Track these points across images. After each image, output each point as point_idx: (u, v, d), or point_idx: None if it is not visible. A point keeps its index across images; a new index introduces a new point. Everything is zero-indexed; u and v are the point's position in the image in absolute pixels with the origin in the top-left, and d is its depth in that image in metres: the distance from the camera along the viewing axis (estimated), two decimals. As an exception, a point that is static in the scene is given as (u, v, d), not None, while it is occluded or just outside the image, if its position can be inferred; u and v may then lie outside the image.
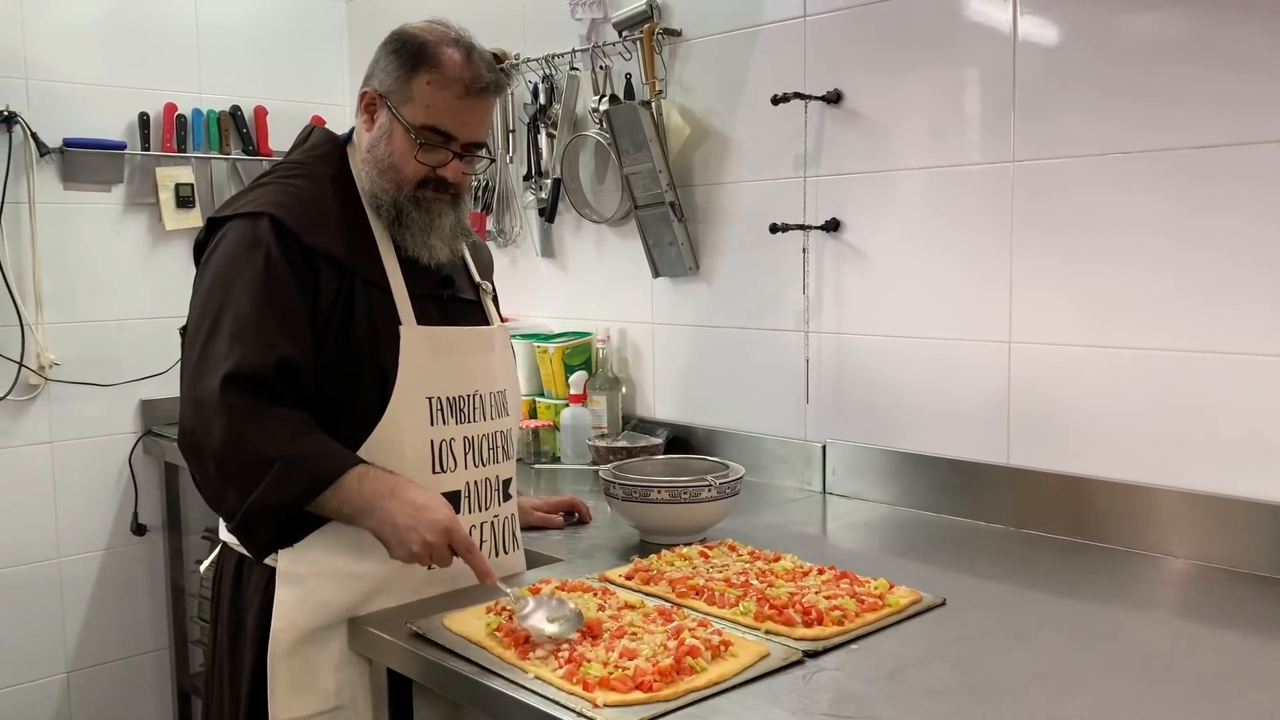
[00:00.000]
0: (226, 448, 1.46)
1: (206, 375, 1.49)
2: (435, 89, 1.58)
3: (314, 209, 1.59)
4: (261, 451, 1.46)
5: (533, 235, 2.97)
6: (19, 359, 2.89)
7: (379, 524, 1.50)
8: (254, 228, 1.55)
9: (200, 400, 1.49)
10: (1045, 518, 1.92)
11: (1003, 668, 1.34)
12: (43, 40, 2.92)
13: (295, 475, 1.47)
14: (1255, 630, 1.48)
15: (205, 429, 1.47)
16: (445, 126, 1.61)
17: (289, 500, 1.47)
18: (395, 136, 1.61)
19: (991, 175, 1.98)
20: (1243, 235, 1.69)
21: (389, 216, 1.63)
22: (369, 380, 1.57)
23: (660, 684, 1.23)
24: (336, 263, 1.57)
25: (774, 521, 2.07)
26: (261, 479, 1.45)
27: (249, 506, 1.47)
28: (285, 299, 1.53)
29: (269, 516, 1.48)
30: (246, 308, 1.50)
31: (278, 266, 1.53)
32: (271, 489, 1.46)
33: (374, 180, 1.62)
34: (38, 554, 2.97)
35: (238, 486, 1.47)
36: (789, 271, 2.33)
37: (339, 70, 3.52)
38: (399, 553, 1.50)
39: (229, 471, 1.48)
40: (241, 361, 1.47)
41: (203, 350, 1.51)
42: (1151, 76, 1.76)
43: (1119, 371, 1.84)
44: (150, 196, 3.11)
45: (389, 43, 1.64)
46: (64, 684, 3.03)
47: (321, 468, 1.49)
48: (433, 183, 1.63)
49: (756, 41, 2.36)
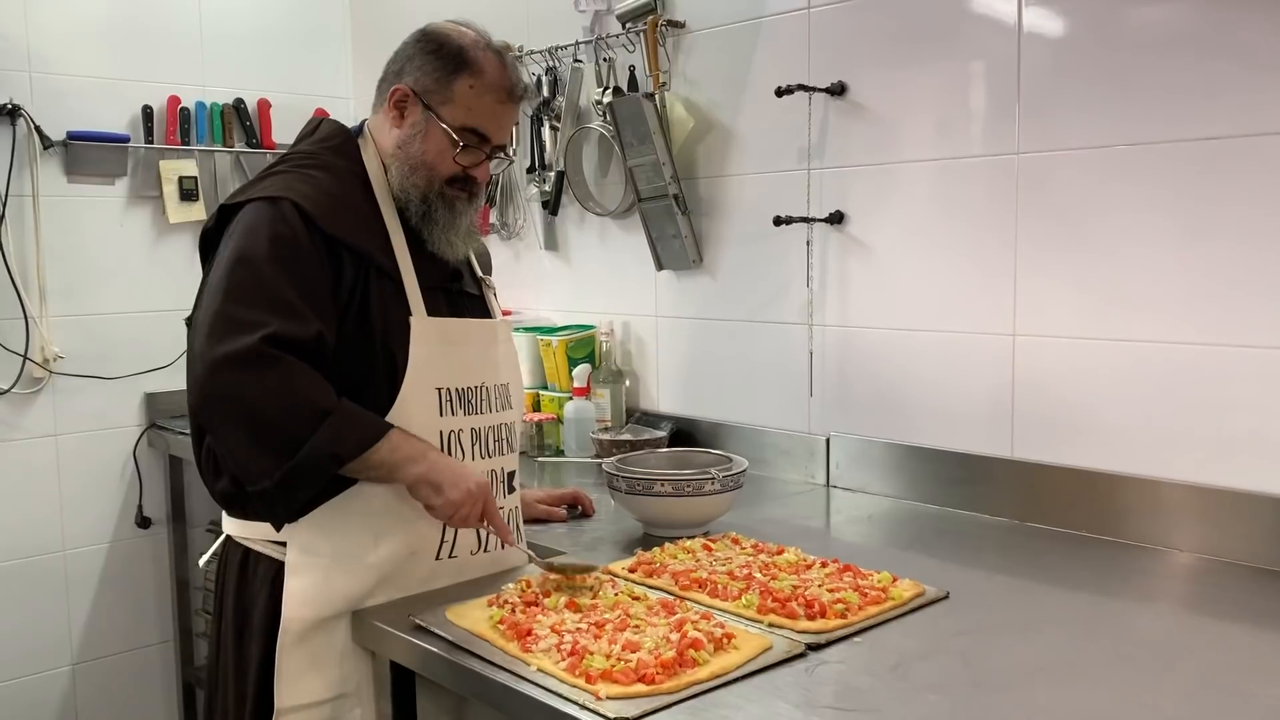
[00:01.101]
0: (273, 400, 1.44)
1: (241, 334, 1.45)
2: (478, 93, 1.63)
3: (333, 199, 1.59)
4: (316, 402, 1.46)
5: (536, 228, 2.96)
6: (23, 352, 2.89)
7: (429, 470, 1.52)
8: (276, 209, 1.54)
9: (236, 356, 1.44)
10: (1049, 511, 1.92)
11: (1006, 661, 1.34)
12: (46, 33, 2.91)
13: (351, 426, 1.48)
14: (1261, 623, 1.47)
15: (245, 382, 1.44)
16: (484, 129, 1.65)
17: (347, 450, 1.47)
18: (432, 135, 1.63)
19: (996, 168, 1.98)
20: (1249, 228, 1.68)
21: (419, 212, 1.65)
22: (381, 369, 1.58)
23: (663, 676, 1.23)
24: (355, 252, 1.58)
25: (778, 515, 2.07)
26: (314, 430, 1.44)
27: (302, 458, 1.44)
28: (313, 280, 1.53)
29: (321, 469, 1.47)
30: (280, 284, 1.49)
31: (304, 247, 1.53)
32: (328, 439, 1.45)
33: (404, 176, 1.64)
34: (43, 547, 2.97)
35: (282, 440, 1.45)
36: (793, 264, 2.33)
37: (342, 62, 3.52)
38: (450, 494, 1.52)
39: (274, 424, 1.45)
40: (282, 328, 1.46)
41: (231, 317, 1.47)
42: (1156, 68, 1.76)
43: (1124, 364, 1.83)
44: (154, 189, 3.11)
45: (422, 42, 1.65)
46: (69, 676, 3.04)
47: (374, 421, 1.51)
48: (459, 181, 1.67)
49: (760, 33, 2.35)
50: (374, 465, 1.51)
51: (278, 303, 1.48)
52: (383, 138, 1.68)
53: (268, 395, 1.44)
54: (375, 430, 1.50)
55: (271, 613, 1.57)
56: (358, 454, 1.48)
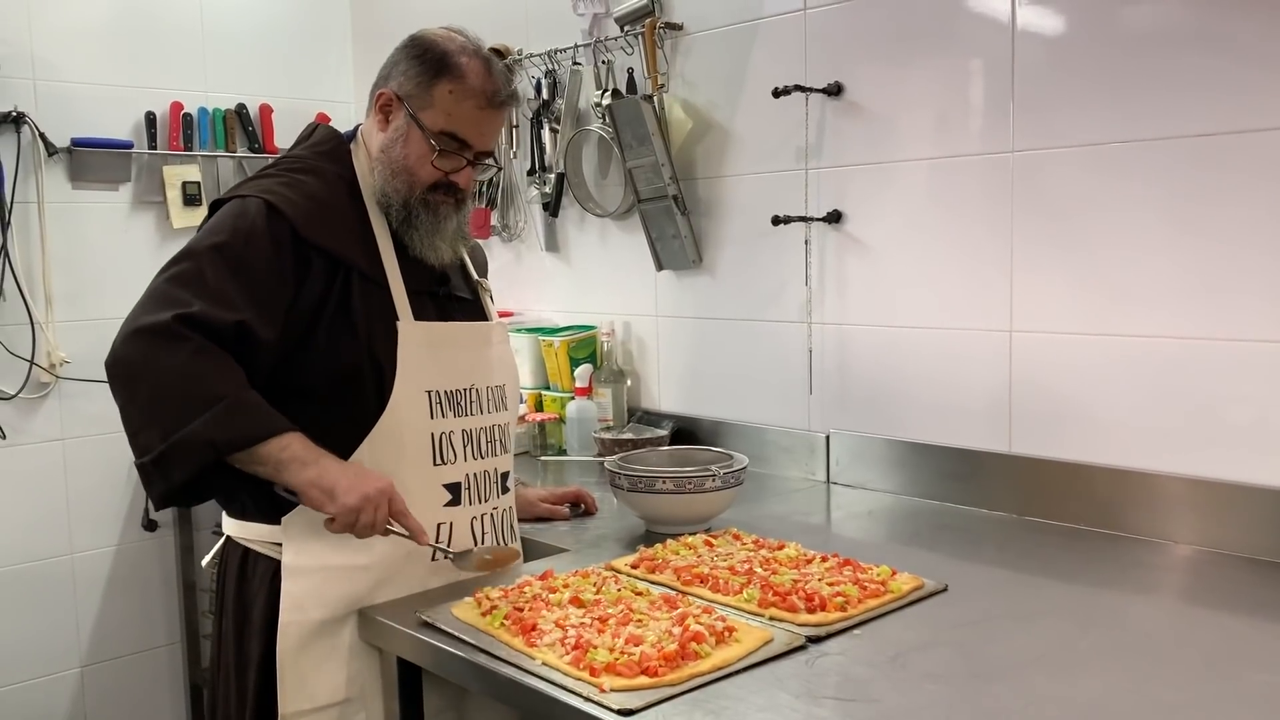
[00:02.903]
0: (171, 376, 1.43)
1: (158, 310, 1.46)
2: (457, 98, 1.62)
3: (316, 204, 1.60)
4: (212, 387, 1.44)
5: (537, 230, 2.98)
6: (30, 357, 2.92)
7: (319, 474, 1.46)
8: (243, 205, 1.56)
9: (149, 328, 1.45)
10: (1047, 504, 1.94)
11: (1004, 652, 1.35)
12: (50, 41, 2.94)
13: (241, 417, 1.44)
14: (1258, 614, 1.49)
15: (150, 354, 1.44)
16: (463, 135, 1.65)
17: (229, 440, 1.43)
18: (412, 140, 1.63)
19: (991, 165, 1.99)
20: (1244, 223, 1.70)
21: (399, 217, 1.65)
22: (368, 375, 1.59)
23: (665, 669, 1.25)
24: (333, 259, 1.59)
25: (778, 511, 2.09)
26: (201, 414, 1.42)
27: (180, 436, 1.42)
28: (260, 275, 1.53)
29: (197, 453, 1.43)
30: (217, 272, 1.50)
31: (258, 243, 1.53)
32: (212, 425, 1.42)
33: (386, 180, 1.65)
34: (51, 550, 3.00)
35: (170, 417, 1.43)
36: (791, 263, 2.35)
37: (344, 68, 3.54)
38: (346, 500, 1.46)
39: (166, 400, 1.44)
40: (200, 310, 1.46)
41: (158, 293, 1.49)
42: (1150, 66, 1.77)
43: (1120, 359, 1.85)
44: (157, 195, 3.13)
45: (409, 47, 1.66)
46: (78, 679, 3.06)
47: (268, 417, 1.47)
48: (443, 187, 1.67)
49: (757, 35, 2.37)
50: (260, 460, 1.46)
51: (208, 289, 1.48)
52: (371, 142, 1.69)
53: (167, 371, 1.43)
54: (267, 427, 1.46)
55: (270, 610, 1.58)
56: (239, 446, 1.44)
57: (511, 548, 1.72)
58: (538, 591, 1.52)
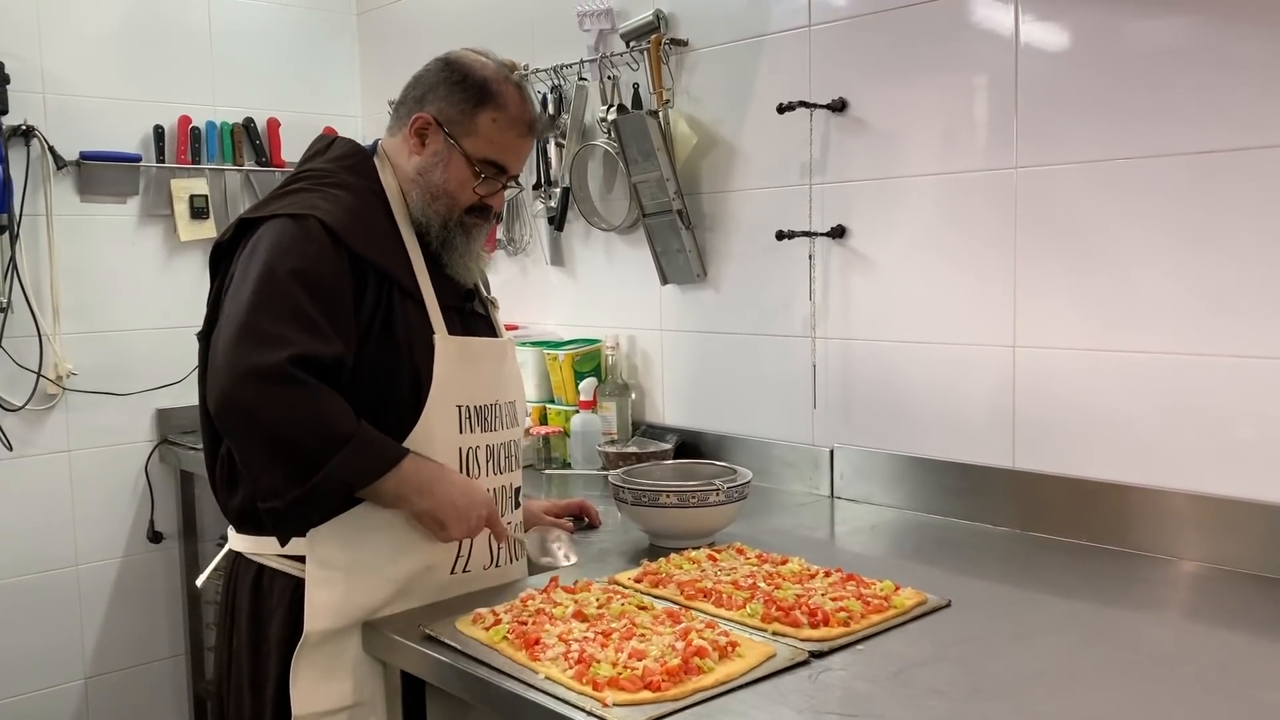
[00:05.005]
0: (294, 425, 1.46)
1: (267, 350, 1.45)
2: (501, 127, 1.66)
3: (357, 217, 1.61)
4: (337, 427, 1.48)
5: (542, 243, 2.99)
6: (37, 369, 2.93)
7: (438, 504, 1.55)
8: (302, 227, 1.55)
9: (264, 372, 1.44)
10: (1051, 520, 1.94)
11: (1007, 668, 1.35)
12: (59, 55, 2.96)
13: (369, 452, 1.51)
14: (1263, 632, 1.48)
15: (271, 400, 1.45)
16: (503, 161, 1.69)
17: (361, 476, 1.50)
18: (454, 165, 1.66)
19: (995, 181, 2.00)
20: (1249, 239, 1.70)
21: (439, 238, 1.68)
22: (405, 389, 1.61)
23: (668, 684, 1.25)
24: (380, 271, 1.60)
25: (782, 525, 2.09)
26: (331, 456, 1.46)
27: (317, 481, 1.46)
28: (337, 299, 1.54)
29: (335, 495, 1.50)
30: (305, 302, 1.50)
31: (328, 266, 1.54)
32: (342, 466, 1.47)
33: (426, 203, 1.67)
34: (56, 561, 3.01)
35: (303, 463, 1.46)
36: (795, 278, 2.35)
37: (351, 82, 3.56)
38: (457, 530, 1.58)
39: (294, 445, 1.46)
40: (309, 346, 1.47)
41: (258, 329, 1.47)
42: (1153, 82, 1.78)
43: (1124, 375, 1.85)
44: (165, 208, 3.15)
45: (447, 72, 1.68)
46: (82, 690, 3.06)
47: (389, 448, 1.53)
48: (478, 210, 1.70)
49: (762, 51, 2.38)
50: (382, 494, 1.54)
51: (303, 320, 1.49)
52: (401, 161, 1.70)
53: (289, 416, 1.46)
54: (390, 459, 1.53)
55: (289, 627, 1.58)
56: (371, 483, 1.51)
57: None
58: (541, 605, 1.52)
